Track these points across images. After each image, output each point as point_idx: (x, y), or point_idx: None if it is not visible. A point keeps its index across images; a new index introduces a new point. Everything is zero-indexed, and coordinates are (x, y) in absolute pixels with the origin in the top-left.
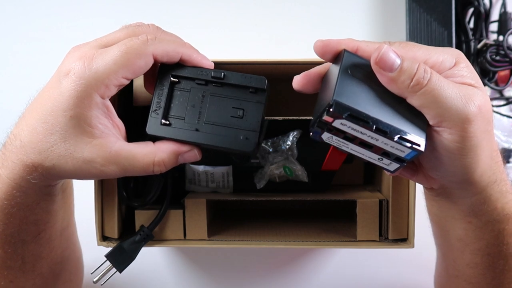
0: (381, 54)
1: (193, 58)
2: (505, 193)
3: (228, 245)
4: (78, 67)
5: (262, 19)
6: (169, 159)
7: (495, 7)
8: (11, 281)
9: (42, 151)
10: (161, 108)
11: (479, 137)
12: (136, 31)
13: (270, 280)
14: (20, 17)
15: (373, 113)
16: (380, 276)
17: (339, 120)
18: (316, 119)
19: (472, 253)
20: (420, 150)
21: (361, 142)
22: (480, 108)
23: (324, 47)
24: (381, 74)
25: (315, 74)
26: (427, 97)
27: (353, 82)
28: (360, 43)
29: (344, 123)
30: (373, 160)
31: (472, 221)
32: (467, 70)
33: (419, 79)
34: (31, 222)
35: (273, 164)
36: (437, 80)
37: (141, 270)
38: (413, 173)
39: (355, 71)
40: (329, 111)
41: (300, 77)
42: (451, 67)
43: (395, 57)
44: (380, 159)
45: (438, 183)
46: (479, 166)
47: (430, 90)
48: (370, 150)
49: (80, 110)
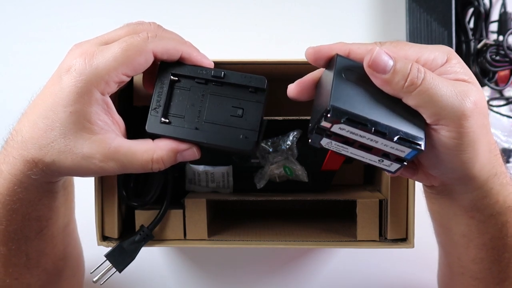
0: (373, 56)
1: (193, 56)
2: (506, 185)
3: (228, 245)
4: (79, 63)
5: (262, 19)
6: (168, 156)
7: (495, 7)
8: (16, 278)
9: (43, 146)
10: (161, 106)
11: (476, 132)
12: (137, 29)
13: (270, 280)
14: (20, 17)
15: (371, 115)
16: (380, 276)
17: (338, 125)
18: (314, 125)
19: (476, 248)
20: (420, 149)
21: (360, 145)
22: (476, 103)
23: (316, 53)
24: (374, 77)
25: (309, 81)
26: (422, 97)
27: (348, 86)
28: (351, 46)
29: (343, 127)
30: (374, 162)
31: (474, 216)
32: (460, 66)
33: (413, 79)
34: (34, 218)
35: (273, 164)
36: (431, 79)
37: (141, 270)
38: (413, 172)
39: (349, 74)
40: (327, 117)
41: (294, 86)
42: (443, 64)
43: (387, 58)
44: (381, 161)
45: (438, 180)
46: (478, 160)
47: (425, 90)
48: (370, 153)
49: (80, 106)
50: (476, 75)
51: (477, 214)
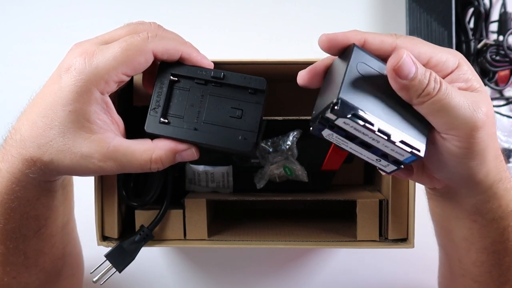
0: (401, 61)
1: (193, 57)
2: (510, 190)
3: (228, 245)
4: (79, 62)
5: (262, 19)
6: (166, 156)
7: (495, 7)
8: (14, 277)
9: (41, 145)
10: (160, 106)
11: (486, 141)
12: (137, 28)
13: (270, 280)
14: (20, 17)
15: (377, 115)
16: (380, 276)
17: (342, 119)
18: (318, 114)
19: (477, 252)
20: (420, 155)
21: (361, 142)
22: (487, 114)
23: (330, 41)
24: (394, 80)
25: (321, 67)
26: (435, 107)
27: (359, 80)
28: (367, 35)
29: (347, 122)
30: (371, 160)
31: (477, 219)
32: (471, 73)
33: (430, 89)
34: (32, 217)
35: (273, 164)
36: (445, 89)
37: (141, 270)
38: (408, 173)
39: (363, 68)
40: (334, 109)
41: (305, 72)
42: (454, 69)
43: (411, 65)
44: (378, 160)
45: (442, 183)
46: (485, 167)
47: (438, 100)
48: (369, 151)
49: (80, 105)
50: None
51: (479, 218)
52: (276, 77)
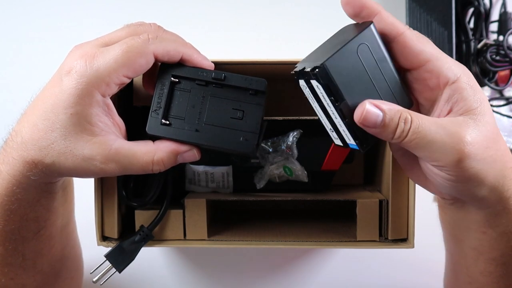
0: (365, 112)
1: (193, 58)
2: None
3: (228, 245)
4: (80, 65)
5: (262, 19)
6: (168, 158)
7: (495, 7)
8: (12, 278)
9: (43, 148)
10: (161, 108)
11: (476, 167)
12: (138, 30)
13: (270, 280)
14: (20, 17)
15: (347, 96)
16: (380, 276)
17: (316, 82)
18: (303, 67)
19: (486, 262)
20: (360, 150)
21: (323, 108)
22: (473, 143)
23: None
24: (367, 130)
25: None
26: (411, 144)
27: (353, 58)
28: (383, 11)
29: (319, 87)
30: (326, 127)
31: (487, 231)
32: (470, 90)
33: (399, 132)
34: (32, 219)
35: (273, 164)
36: (417, 128)
37: (141, 270)
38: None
39: (363, 50)
40: (314, 70)
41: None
42: (454, 81)
43: (376, 114)
44: (331, 130)
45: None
46: (484, 186)
47: (411, 140)
48: (327, 119)
49: (81, 108)
50: (476, 75)
51: (489, 230)
52: (276, 77)
